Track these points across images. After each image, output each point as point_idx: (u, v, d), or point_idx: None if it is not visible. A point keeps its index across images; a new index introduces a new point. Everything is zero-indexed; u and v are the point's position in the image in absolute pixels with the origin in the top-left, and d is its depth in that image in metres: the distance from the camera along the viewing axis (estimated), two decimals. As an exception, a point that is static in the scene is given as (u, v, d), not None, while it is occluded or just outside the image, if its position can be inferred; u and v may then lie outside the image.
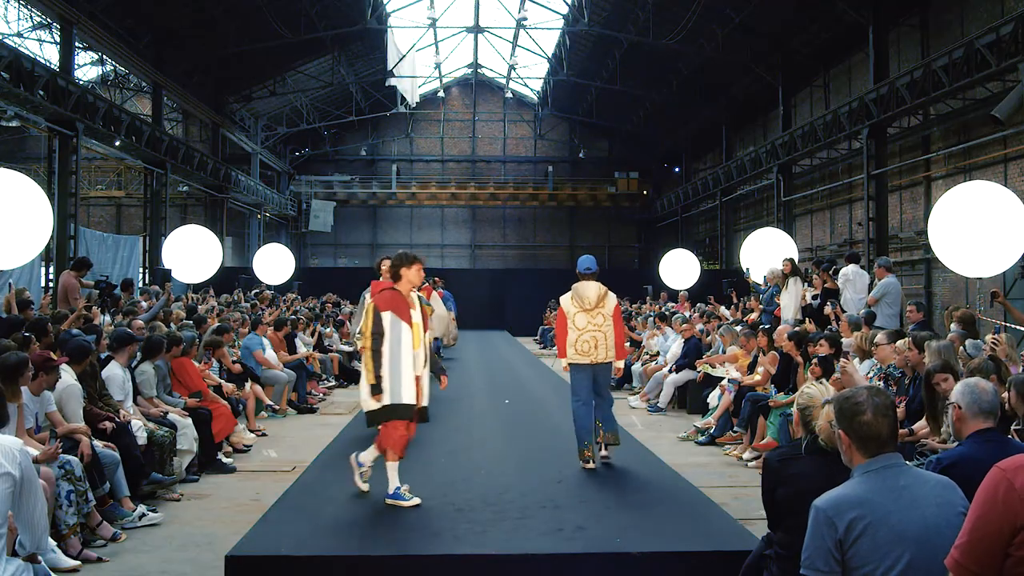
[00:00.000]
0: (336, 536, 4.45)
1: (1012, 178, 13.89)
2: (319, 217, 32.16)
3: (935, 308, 15.59)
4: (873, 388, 2.55)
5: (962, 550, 2.09)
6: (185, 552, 4.64)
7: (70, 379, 5.27)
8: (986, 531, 2.06)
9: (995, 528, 2.05)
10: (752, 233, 13.68)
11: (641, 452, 6.94)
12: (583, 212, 34.94)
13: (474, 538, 4.36)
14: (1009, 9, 13.28)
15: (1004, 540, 2.04)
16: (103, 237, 18.69)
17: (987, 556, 2.05)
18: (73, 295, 9.69)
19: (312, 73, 26.86)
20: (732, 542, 4.29)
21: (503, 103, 35.11)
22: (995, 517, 2.06)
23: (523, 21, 24.42)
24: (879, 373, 6.12)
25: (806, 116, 20.78)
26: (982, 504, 2.10)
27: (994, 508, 2.06)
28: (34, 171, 21.03)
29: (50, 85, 13.75)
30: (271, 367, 9.55)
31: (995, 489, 2.08)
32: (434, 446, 6.95)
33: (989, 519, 2.07)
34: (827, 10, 17.10)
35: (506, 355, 16.68)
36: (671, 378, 9.92)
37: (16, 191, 7.71)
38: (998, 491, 2.07)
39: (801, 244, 20.12)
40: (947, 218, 7.88)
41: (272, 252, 17.76)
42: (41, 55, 21.39)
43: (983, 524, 2.07)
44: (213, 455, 6.63)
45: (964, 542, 2.10)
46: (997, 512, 2.06)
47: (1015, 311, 7.05)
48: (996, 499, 2.07)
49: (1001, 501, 2.06)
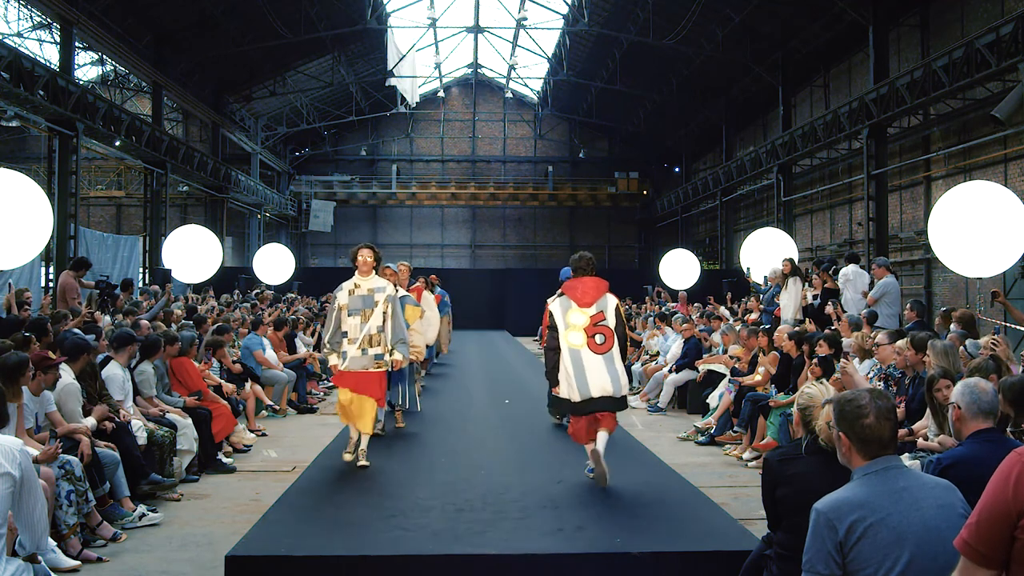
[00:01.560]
0: (336, 536, 4.45)
1: (1012, 178, 13.89)
2: (319, 217, 32.16)
3: (935, 308, 15.59)
4: (875, 391, 2.55)
5: (971, 530, 2.11)
6: (185, 552, 4.64)
7: (68, 378, 5.27)
8: (994, 513, 2.08)
9: (1002, 511, 2.07)
10: (752, 233, 13.69)
11: (641, 452, 6.94)
12: (583, 212, 34.95)
13: (474, 538, 4.36)
14: (1009, 9, 13.28)
15: (1011, 524, 2.05)
16: (103, 237, 18.69)
17: (994, 538, 2.07)
18: (72, 295, 9.69)
19: (312, 73, 26.86)
20: (732, 542, 4.28)
21: (503, 103, 35.11)
22: (1004, 500, 2.07)
23: (523, 21, 24.42)
24: (879, 373, 6.12)
25: (806, 116, 20.78)
26: (994, 487, 2.12)
27: (1004, 491, 2.08)
28: (34, 171, 21.03)
29: (50, 85, 13.74)
30: (271, 367, 9.55)
31: (1008, 473, 2.10)
32: (434, 446, 6.95)
33: (998, 502, 2.08)
34: (827, 10, 17.11)
35: (506, 355, 16.67)
36: (671, 378, 9.92)
37: (16, 191, 7.72)
38: (1011, 475, 2.09)
39: (801, 244, 20.12)
40: (947, 218, 7.88)
41: (272, 252, 17.77)
42: (41, 55, 21.42)
43: (991, 506, 2.09)
44: (213, 455, 6.63)
45: (973, 523, 2.12)
46: (1007, 495, 2.07)
47: (1015, 311, 7.06)
48: (1008, 483, 2.08)
49: (1012, 485, 2.07)
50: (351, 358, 6.00)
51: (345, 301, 6.11)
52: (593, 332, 5.31)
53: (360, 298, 6.09)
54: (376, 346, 6.05)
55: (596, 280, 5.47)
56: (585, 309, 5.35)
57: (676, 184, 31.46)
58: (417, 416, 8.13)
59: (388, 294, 6.15)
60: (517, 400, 10.00)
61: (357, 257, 6.18)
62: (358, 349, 6.00)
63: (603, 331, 5.31)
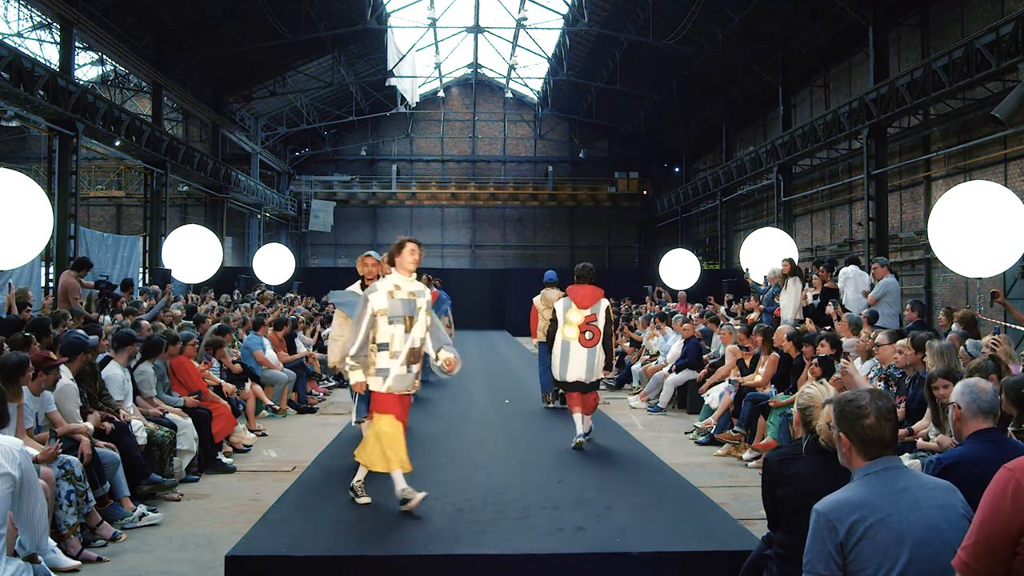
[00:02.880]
0: (336, 536, 4.45)
1: (1012, 178, 13.89)
2: (319, 217, 32.15)
3: (935, 308, 15.59)
4: (875, 391, 2.55)
5: (969, 551, 2.09)
6: (185, 552, 4.64)
7: (67, 379, 5.27)
8: (994, 531, 2.06)
9: (1003, 528, 2.05)
10: (752, 233, 13.68)
11: (641, 452, 6.94)
12: (583, 212, 34.95)
13: (474, 538, 4.36)
14: (1009, 9, 13.28)
15: (1012, 540, 2.04)
16: (103, 237, 18.68)
17: (995, 556, 2.05)
18: (73, 295, 9.69)
19: (312, 73, 26.86)
20: (732, 542, 4.28)
21: (503, 103, 35.11)
22: (1003, 517, 2.05)
23: (523, 21, 24.42)
24: (879, 374, 6.12)
25: (806, 116, 20.77)
26: (990, 504, 2.10)
27: (1002, 508, 2.06)
28: (34, 171, 21.03)
29: (50, 85, 13.74)
30: (271, 367, 9.55)
31: (1003, 489, 2.08)
32: (434, 446, 6.95)
33: (997, 519, 2.06)
34: (827, 10, 17.10)
35: (506, 355, 16.67)
36: (671, 378, 9.91)
37: (16, 191, 7.72)
38: (1007, 491, 2.07)
39: (801, 244, 20.12)
40: (947, 218, 7.88)
41: (272, 252, 17.76)
42: (41, 55, 21.41)
43: (991, 524, 2.07)
44: (213, 455, 6.63)
45: (971, 543, 2.09)
46: (1005, 512, 2.05)
47: (1015, 311, 7.06)
48: (1004, 499, 2.06)
49: (1010, 501, 2.05)
50: (395, 376, 4.88)
51: (384, 305, 4.90)
52: (585, 329, 6.68)
53: (402, 302, 4.95)
54: (416, 362, 5.01)
55: (594, 288, 6.85)
56: (582, 310, 6.72)
57: (676, 184, 31.45)
58: (417, 416, 8.12)
59: (427, 299, 5.13)
60: (517, 400, 10.00)
61: (403, 251, 5.06)
62: (402, 366, 4.90)
63: (593, 329, 6.69)
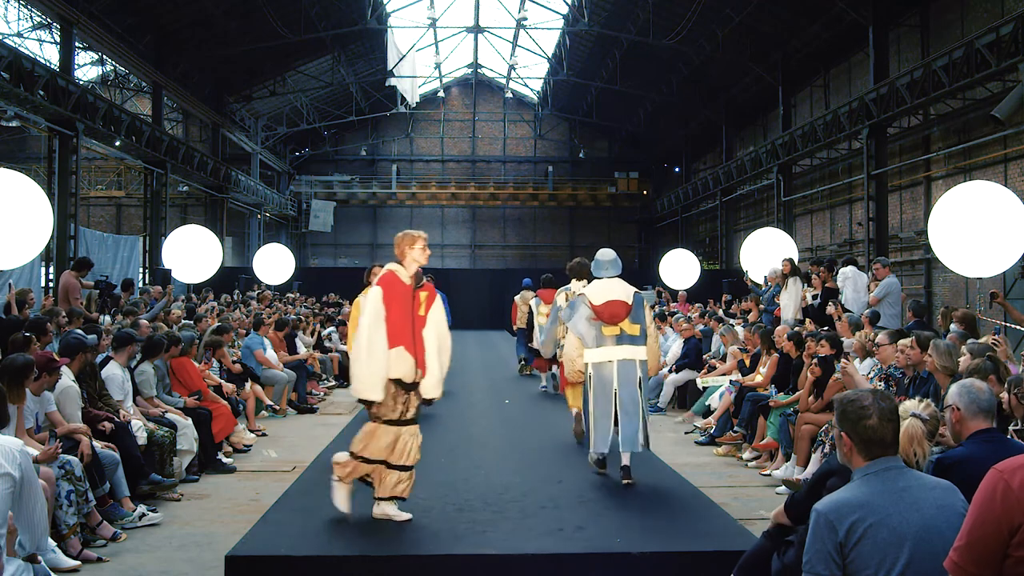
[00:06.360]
0: (336, 536, 4.45)
1: (1012, 178, 13.88)
2: (319, 217, 32.15)
3: (935, 308, 15.58)
4: (878, 392, 2.55)
5: (960, 552, 2.10)
6: (185, 552, 4.63)
7: (68, 380, 5.26)
8: (984, 532, 2.06)
9: (993, 529, 2.05)
10: (752, 233, 13.67)
11: (641, 452, 6.92)
12: (583, 212, 34.94)
13: (474, 538, 4.36)
14: (1009, 9, 13.28)
15: (1003, 541, 2.04)
16: (103, 237, 18.69)
17: (986, 558, 2.06)
18: (73, 295, 9.69)
19: (312, 73, 26.86)
20: (732, 542, 4.28)
21: (503, 103, 35.11)
22: (993, 518, 2.06)
23: (523, 21, 24.42)
24: (880, 374, 6.12)
25: (806, 116, 20.77)
26: (980, 506, 2.10)
27: (992, 509, 2.07)
28: (34, 171, 21.04)
29: (50, 85, 13.74)
30: (271, 367, 9.55)
31: (993, 490, 2.08)
32: (434, 446, 6.94)
33: (987, 521, 2.07)
34: (827, 10, 17.10)
35: (506, 355, 16.66)
36: (671, 378, 9.90)
37: (16, 191, 7.71)
38: (996, 492, 2.07)
39: (801, 244, 20.12)
40: (947, 218, 7.87)
41: (272, 252, 17.76)
42: (41, 55, 21.40)
43: (981, 525, 2.08)
44: (213, 455, 6.63)
45: (963, 544, 2.10)
46: (995, 513, 2.06)
47: (1015, 311, 7.06)
48: (994, 500, 2.07)
49: (999, 502, 2.06)
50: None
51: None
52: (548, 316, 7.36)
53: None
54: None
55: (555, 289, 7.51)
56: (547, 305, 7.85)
57: (676, 184, 31.44)
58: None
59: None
60: (517, 400, 10.00)
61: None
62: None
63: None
